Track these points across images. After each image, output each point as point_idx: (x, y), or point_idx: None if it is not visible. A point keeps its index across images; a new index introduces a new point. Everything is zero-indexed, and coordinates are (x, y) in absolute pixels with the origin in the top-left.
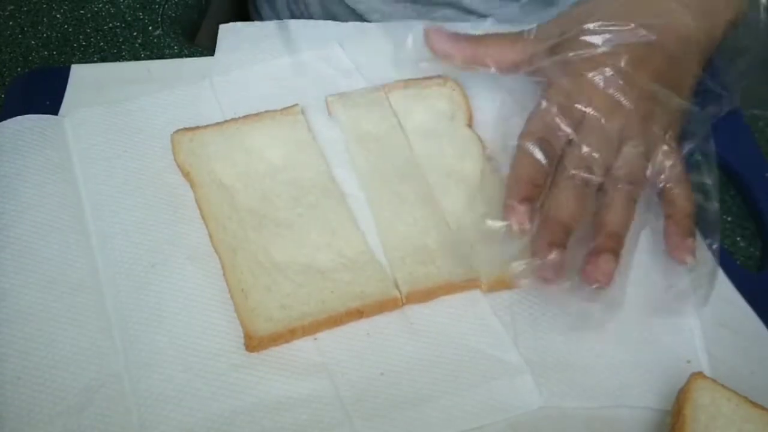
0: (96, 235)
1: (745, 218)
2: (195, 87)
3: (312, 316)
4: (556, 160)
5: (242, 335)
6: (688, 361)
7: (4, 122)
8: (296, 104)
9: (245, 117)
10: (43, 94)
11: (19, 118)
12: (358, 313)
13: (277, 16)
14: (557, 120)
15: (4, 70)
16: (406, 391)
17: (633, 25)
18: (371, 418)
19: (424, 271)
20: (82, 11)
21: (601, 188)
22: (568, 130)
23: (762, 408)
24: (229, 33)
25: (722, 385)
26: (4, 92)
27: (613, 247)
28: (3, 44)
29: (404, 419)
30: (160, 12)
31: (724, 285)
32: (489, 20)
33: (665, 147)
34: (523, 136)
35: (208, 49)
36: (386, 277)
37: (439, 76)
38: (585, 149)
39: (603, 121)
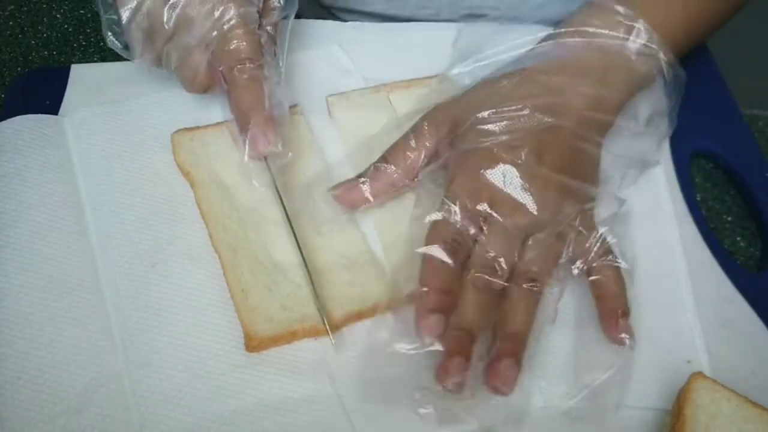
0: (96, 235)
1: (745, 218)
2: None
3: (312, 319)
4: (465, 261)
5: (242, 335)
6: (689, 361)
7: (4, 122)
8: (296, 104)
9: None
10: (43, 93)
11: (19, 117)
12: (358, 315)
13: None
14: (463, 222)
15: (5, 69)
16: None
17: (527, 110)
18: (371, 418)
19: None
20: (82, 11)
21: (505, 289)
22: (473, 231)
23: (762, 408)
24: None
25: (722, 385)
26: (4, 92)
27: (515, 350)
28: (3, 44)
29: (403, 420)
30: None
31: (724, 285)
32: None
33: (576, 234)
34: (430, 240)
35: None
36: (386, 278)
37: (440, 75)
38: (488, 252)
39: (505, 221)
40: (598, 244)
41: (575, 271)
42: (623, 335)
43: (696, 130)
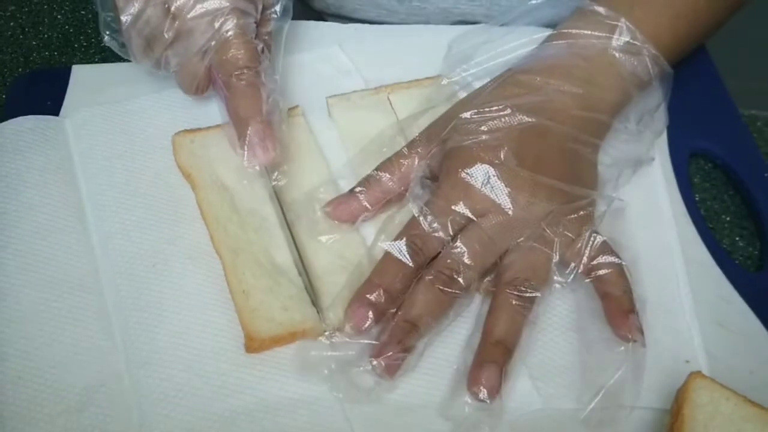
0: (97, 235)
1: (744, 218)
2: None
3: (313, 320)
4: (427, 263)
5: (242, 335)
6: (687, 361)
7: (6, 123)
8: (297, 105)
9: None
10: (44, 94)
11: (20, 118)
12: None
13: None
14: (435, 224)
15: (6, 70)
16: (404, 394)
17: (509, 110)
18: (370, 420)
19: None
20: (83, 12)
21: (494, 292)
22: (442, 234)
23: (761, 407)
24: None
25: (721, 385)
26: (6, 93)
27: (497, 357)
28: (4, 45)
29: (402, 422)
30: None
31: (722, 285)
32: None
33: (564, 237)
34: (396, 238)
35: None
36: None
37: (440, 76)
38: (456, 251)
39: (480, 222)
40: (590, 245)
41: (570, 277)
42: (632, 332)
43: (694, 130)
